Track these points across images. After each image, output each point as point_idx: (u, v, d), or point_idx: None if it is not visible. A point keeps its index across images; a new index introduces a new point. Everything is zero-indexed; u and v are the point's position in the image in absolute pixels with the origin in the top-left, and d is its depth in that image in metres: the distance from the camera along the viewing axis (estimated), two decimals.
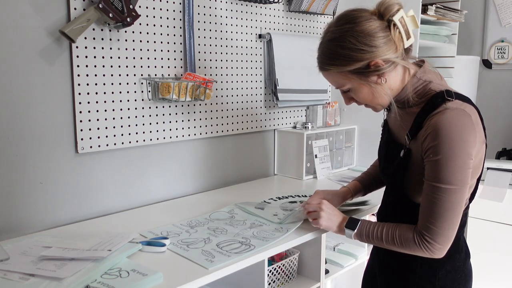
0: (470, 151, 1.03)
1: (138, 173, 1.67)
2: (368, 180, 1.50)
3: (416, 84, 1.13)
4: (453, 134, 1.01)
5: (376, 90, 1.12)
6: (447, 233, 1.05)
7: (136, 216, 1.54)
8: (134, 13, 1.46)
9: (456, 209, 1.04)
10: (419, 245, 1.07)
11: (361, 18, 1.08)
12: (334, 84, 1.19)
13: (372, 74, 1.10)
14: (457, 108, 1.04)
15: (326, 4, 2.18)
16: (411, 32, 1.11)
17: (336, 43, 1.10)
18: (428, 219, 1.06)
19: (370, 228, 1.18)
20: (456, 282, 1.17)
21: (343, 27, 1.09)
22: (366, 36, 1.06)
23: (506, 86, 2.73)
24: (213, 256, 1.17)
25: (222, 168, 1.98)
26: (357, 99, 1.18)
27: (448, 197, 1.03)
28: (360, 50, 1.07)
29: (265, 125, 2.13)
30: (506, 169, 2.24)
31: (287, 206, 1.59)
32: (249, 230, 1.37)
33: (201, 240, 1.29)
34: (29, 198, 1.39)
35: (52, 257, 1.11)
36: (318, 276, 1.55)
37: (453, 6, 2.35)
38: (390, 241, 1.13)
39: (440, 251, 1.07)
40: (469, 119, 1.03)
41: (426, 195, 1.06)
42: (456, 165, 1.02)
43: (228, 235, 1.33)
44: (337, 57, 1.10)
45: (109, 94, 1.54)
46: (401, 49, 1.10)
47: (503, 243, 2.23)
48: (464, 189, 1.04)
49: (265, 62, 2.08)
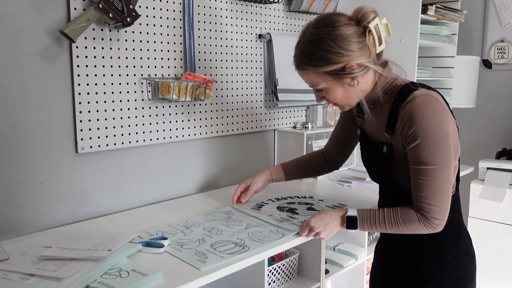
0: (447, 130, 1.10)
1: (138, 173, 1.67)
2: (293, 167, 1.59)
3: (384, 83, 1.20)
4: (427, 117, 1.08)
5: (349, 91, 1.19)
6: (443, 209, 1.13)
7: (136, 216, 1.54)
8: (134, 13, 1.46)
9: (446, 186, 1.11)
10: (422, 224, 1.14)
11: (339, 22, 1.14)
12: (308, 83, 1.24)
13: (346, 76, 1.16)
14: (424, 94, 1.12)
15: (326, 4, 2.18)
16: (384, 38, 1.18)
17: (315, 44, 1.15)
18: (422, 200, 1.13)
19: (371, 218, 1.22)
20: (463, 264, 1.24)
21: (322, 30, 1.15)
22: (343, 40, 1.13)
23: (506, 86, 2.73)
24: (206, 257, 1.17)
25: (222, 168, 1.98)
26: (329, 98, 1.24)
27: (434, 176, 1.10)
28: (337, 53, 1.13)
29: (265, 125, 2.13)
30: (506, 169, 2.24)
31: (284, 207, 1.59)
32: (244, 231, 1.36)
33: (196, 240, 1.29)
34: (29, 198, 1.39)
35: (52, 257, 1.11)
36: (318, 276, 1.55)
37: (453, 6, 2.35)
38: (394, 224, 1.18)
39: (440, 225, 1.14)
40: (437, 102, 1.11)
41: (415, 178, 1.13)
42: (436, 145, 1.09)
43: (223, 235, 1.33)
44: (315, 58, 1.16)
45: (109, 94, 1.54)
46: (373, 54, 1.17)
47: (503, 243, 2.23)
48: (449, 166, 1.11)
49: (265, 62, 2.08)
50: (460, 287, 1.23)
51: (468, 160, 2.73)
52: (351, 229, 1.24)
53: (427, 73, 2.39)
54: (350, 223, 1.24)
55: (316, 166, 1.59)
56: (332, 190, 1.83)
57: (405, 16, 2.11)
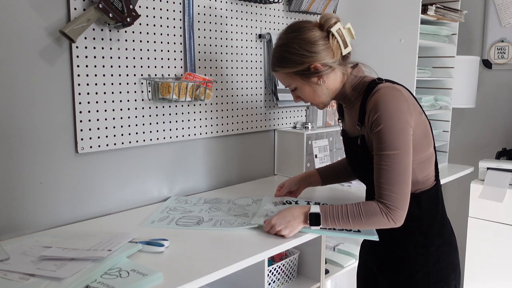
0: (407, 119, 1.17)
1: (138, 173, 1.67)
2: (327, 171, 1.64)
3: (353, 81, 1.30)
4: (389, 105, 1.17)
5: (316, 89, 1.30)
6: (403, 198, 1.17)
7: (136, 216, 1.54)
8: (134, 13, 1.46)
9: (406, 173, 1.17)
10: (384, 214, 1.17)
11: (304, 28, 1.27)
12: (283, 83, 1.36)
13: (313, 76, 1.27)
14: (387, 86, 1.22)
15: (326, 4, 2.18)
16: (349, 42, 1.29)
17: (284, 48, 1.29)
18: (384, 187, 1.17)
19: (334, 213, 1.24)
20: (446, 254, 1.30)
21: (290, 35, 1.28)
22: (307, 43, 1.24)
23: (506, 86, 2.72)
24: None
25: (222, 168, 1.98)
26: (302, 97, 1.35)
27: (395, 162, 1.16)
28: (301, 55, 1.25)
29: (265, 125, 2.13)
30: (506, 169, 2.24)
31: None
32: (212, 215, 1.52)
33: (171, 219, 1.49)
34: (29, 198, 1.39)
35: (52, 257, 1.11)
36: (318, 276, 1.55)
37: (453, 6, 2.35)
38: (357, 218, 1.21)
39: (401, 218, 1.18)
40: (399, 93, 1.20)
41: (377, 166, 1.19)
42: (396, 131, 1.15)
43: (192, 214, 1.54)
44: (283, 60, 1.29)
45: (109, 94, 1.54)
46: (338, 56, 1.27)
47: (503, 243, 2.23)
48: (408, 153, 1.17)
49: (265, 62, 2.08)
50: (444, 276, 1.29)
51: (468, 160, 2.74)
52: (314, 226, 1.26)
53: (427, 73, 2.39)
54: (313, 220, 1.26)
55: (350, 171, 1.57)
56: (332, 190, 1.83)
57: (405, 16, 2.11)
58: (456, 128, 2.88)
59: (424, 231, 1.27)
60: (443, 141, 2.51)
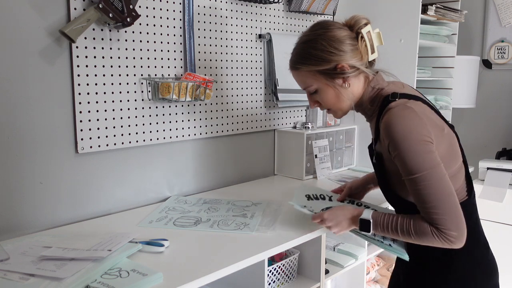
0: (423, 134, 1.09)
1: (138, 173, 1.67)
2: None
3: (371, 93, 1.24)
4: (400, 127, 1.09)
5: (341, 93, 1.23)
6: (453, 216, 1.06)
7: (136, 216, 1.54)
8: (134, 13, 1.46)
9: (445, 188, 1.07)
10: (437, 237, 1.07)
11: (333, 26, 1.21)
12: (302, 84, 1.28)
13: (338, 76, 1.21)
14: (398, 105, 1.13)
15: (326, 4, 2.18)
16: (376, 48, 1.23)
17: (309, 44, 1.22)
18: (429, 211, 1.07)
19: (384, 224, 1.17)
20: (474, 276, 1.18)
21: (317, 32, 1.22)
22: (336, 41, 1.19)
23: (506, 86, 2.73)
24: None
25: (222, 168, 1.98)
26: (321, 102, 1.27)
27: (428, 182, 1.06)
28: (330, 52, 1.19)
29: (265, 125, 2.13)
30: (506, 169, 2.24)
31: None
32: (211, 215, 1.53)
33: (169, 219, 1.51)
34: (29, 198, 1.39)
35: (52, 257, 1.11)
36: (318, 276, 1.55)
37: (453, 6, 2.35)
38: (406, 235, 1.13)
39: (458, 239, 1.06)
40: (410, 111, 1.11)
41: (411, 191, 1.11)
42: (413, 152, 1.07)
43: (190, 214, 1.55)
44: (308, 57, 1.22)
45: (109, 94, 1.54)
46: (365, 59, 1.22)
47: (503, 243, 2.23)
48: (436, 169, 1.07)
49: (265, 62, 2.08)
50: None
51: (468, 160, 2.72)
52: (364, 231, 1.22)
53: (427, 73, 2.39)
54: (363, 226, 1.21)
55: None
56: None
57: (405, 16, 2.11)
58: (456, 128, 2.87)
59: (446, 248, 1.12)
60: None
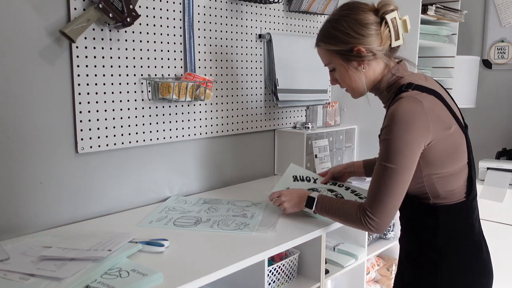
0: (418, 137, 1.11)
1: (138, 173, 1.67)
2: (372, 163, 1.60)
3: (390, 79, 1.25)
4: (403, 118, 1.11)
5: (354, 74, 1.26)
6: (385, 210, 1.14)
7: (136, 216, 1.54)
8: (134, 13, 1.46)
9: (396, 189, 1.13)
10: (361, 219, 1.19)
11: (359, 8, 1.22)
12: (323, 60, 1.33)
13: (354, 59, 1.23)
14: (409, 97, 1.14)
15: (326, 4, 2.18)
16: (401, 35, 1.24)
17: (332, 24, 1.25)
18: (371, 194, 1.17)
19: (324, 204, 1.34)
20: (460, 276, 1.18)
21: (342, 12, 1.24)
22: (357, 24, 1.20)
23: (506, 86, 2.73)
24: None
25: (222, 168, 1.98)
26: (339, 80, 1.31)
27: (390, 176, 1.12)
28: (348, 34, 1.21)
29: (265, 125, 2.13)
30: (506, 169, 2.24)
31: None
32: (211, 215, 1.53)
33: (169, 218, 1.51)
34: (29, 198, 1.39)
35: (52, 257, 1.11)
36: (318, 276, 1.55)
37: (453, 6, 2.35)
38: (339, 217, 1.29)
39: (378, 226, 1.17)
40: (418, 105, 1.12)
41: (375, 173, 1.17)
42: (400, 146, 1.11)
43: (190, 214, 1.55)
44: (328, 36, 1.26)
45: (109, 94, 1.53)
46: (386, 45, 1.22)
47: (503, 243, 2.23)
48: (405, 170, 1.12)
49: (265, 62, 2.08)
50: None
51: None
52: (308, 208, 1.38)
53: (427, 73, 2.39)
54: (308, 202, 1.38)
55: None
56: None
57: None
58: None
59: (437, 245, 1.17)
60: None
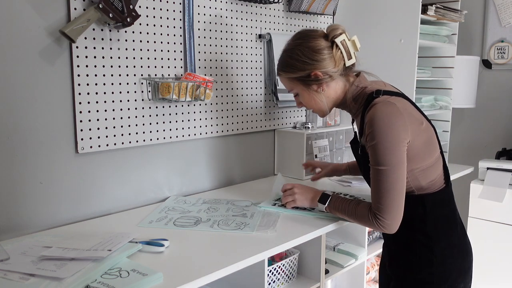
0: (400, 135, 1.20)
1: (138, 173, 1.67)
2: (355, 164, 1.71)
3: (354, 92, 1.35)
4: (382, 122, 1.21)
5: (315, 97, 1.37)
6: (392, 210, 1.22)
7: (136, 216, 1.54)
8: (134, 13, 1.46)
9: (395, 187, 1.21)
10: (373, 222, 1.25)
11: (310, 36, 1.33)
12: (286, 87, 1.43)
13: (313, 83, 1.34)
14: (383, 101, 1.24)
15: (326, 4, 2.18)
16: (353, 54, 1.34)
17: (288, 53, 1.37)
18: (375, 199, 1.24)
19: (337, 203, 1.38)
20: (452, 257, 1.30)
21: (296, 42, 1.35)
22: (311, 51, 1.31)
23: (506, 86, 2.73)
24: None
25: (222, 168, 1.98)
26: (304, 103, 1.42)
27: (385, 178, 1.21)
28: (304, 61, 1.32)
29: (265, 125, 2.13)
30: (506, 169, 2.24)
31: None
32: (210, 215, 1.53)
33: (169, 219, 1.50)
34: (29, 198, 1.39)
35: (52, 257, 1.11)
36: (318, 276, 1.55)
37: (453, 6, 2.35)
38: (352, 217, 1.33)
39: (390, 227, 1.24)
40: (394, 108, 1.22)
41: (371, 178, 1.25)
42: (388, 147, 1.20)
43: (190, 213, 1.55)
44: (286, 65, 1.37)
45: (109, 94, 1.54)
46: (340, 66, 1.33)
47: (503, 243, 2.23)
48: (398, 168, 1.20)
49: (265, 62, 2.08)
50: (450, 279, 1.29)
51: (468, 160, 2.74)
52: (320, 204, 1.42)
53: (427, 73, 2.39)
54: (322, 198, 1.42)
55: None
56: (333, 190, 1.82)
57: (405, 16, 2.11)
58: (456, 128, 2.88)
59: (428, 232, 1.28)
60: (443, 141, 2.50)
